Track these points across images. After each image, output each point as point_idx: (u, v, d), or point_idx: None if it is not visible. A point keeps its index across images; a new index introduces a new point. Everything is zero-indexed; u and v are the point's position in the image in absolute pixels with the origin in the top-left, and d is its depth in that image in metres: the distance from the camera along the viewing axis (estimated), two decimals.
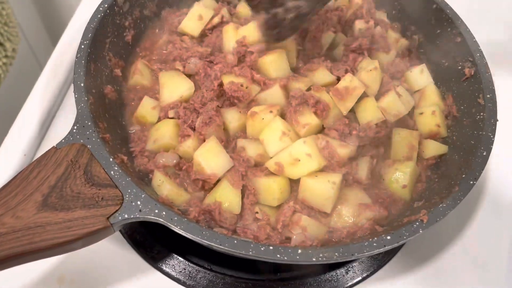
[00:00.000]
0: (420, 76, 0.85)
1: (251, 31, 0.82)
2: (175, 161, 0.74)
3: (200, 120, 0.75)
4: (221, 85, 0.79)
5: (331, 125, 0.75)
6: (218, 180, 0.72)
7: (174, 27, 0.90)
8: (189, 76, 0.83)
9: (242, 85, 0.77)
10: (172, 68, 0.83)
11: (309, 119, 0.74)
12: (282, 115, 0.76)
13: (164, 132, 0.76)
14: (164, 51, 0.87)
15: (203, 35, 0.89)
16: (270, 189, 0.71)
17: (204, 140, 0.74)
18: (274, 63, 0.79)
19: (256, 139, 0.75)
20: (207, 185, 0.72)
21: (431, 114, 0.81)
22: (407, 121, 0.81)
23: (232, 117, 0.77)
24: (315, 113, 0.75)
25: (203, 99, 0.78)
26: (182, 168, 0.74)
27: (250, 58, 0.80)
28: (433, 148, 0.79)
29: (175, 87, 0.80)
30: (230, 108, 0.78)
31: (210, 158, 0.72)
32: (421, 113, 0.82)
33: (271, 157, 0.73)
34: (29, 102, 0.92)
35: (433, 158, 0.79)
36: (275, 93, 0.77)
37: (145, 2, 0.89)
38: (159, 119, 0.79)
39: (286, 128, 0.73)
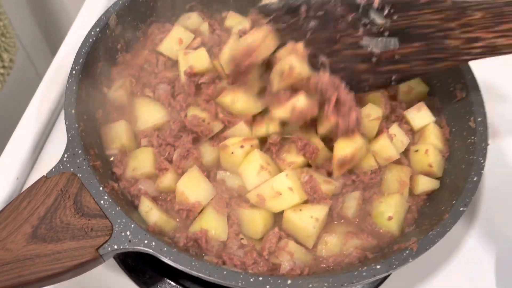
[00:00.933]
0: (417, 114, 0.81)
1: (199, 59, 0.81)
2: (156, 192, 0.75)
3: (177, 153, 0.75)
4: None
5: (319, 165, 0.75)
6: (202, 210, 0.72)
7: (155, 44, 0.88)
8: None
9: (203, 121, 0.76)
10: (144, 94, 0.83)
11: (296, 158, 0.74)
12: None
13: (143, 161, 0.75)
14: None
15: None
16: (254, 221, 0.71)
17: (182, 173, 0.74)
18: (239, 102, 0.76)
19: (235, 171, 0.75)
20: (191, 214, 0.72)
21: (424, 153, 0.77)
22: (401, 159, 0.78)
23: (205, 151, 0.77)
24: (304, 155, 0.74)
25: (172, 132, 0.77)
26: (167, 199, 0.74)
27: (206, 91, 0.79)
28: (424, 184, 0.76)
29: (148, 114, 0.80)
30: (202, 142, 0.77)
31: (193, 187, 0.72)
32: (416, 151, 0.79)
33: (250, 191, 0.72)
34: (22, 124, 0.92)
35: (425, 193, 0.77)
36: (241, 129, 0.76)
37: (137, 24, 0.89)
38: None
39: (265, 161, 0.73)
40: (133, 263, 0.79)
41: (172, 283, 0.78)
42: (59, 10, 1.75)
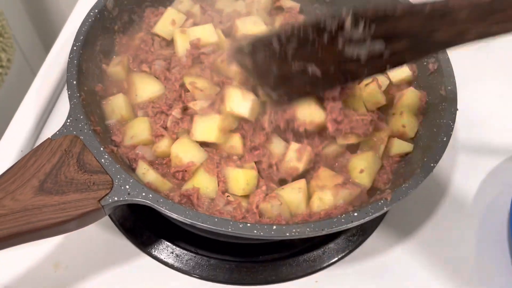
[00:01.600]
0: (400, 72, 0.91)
1: (206, 32, 0.88)
2: (153, 156, 0.81)
3: (171, 121, 0.81)
4: (182, 85, 0.84)
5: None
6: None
7: (150, 27, 0.95)
8: None
9: (202, 91, 0.82)
10: (141, 69, 0.89)
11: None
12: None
13: (140, 129, 0.81)
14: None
15: None
16: (237, 179, 0.77)
17: (177, 139, 0.81)
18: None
19: None
20: (187, 175, 0.78)
21: (399, 115, 0.85)
22: (379, 123, 0.85)
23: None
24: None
25: (167, 101, 0.83)
26: (163, 163, 0.80)
27: (208, 60, 0.85)
28: (399, 146, 0.83)
29: (144, 88, 0.86)
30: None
31: (186, 149, 0.78)
32: (393, 114, 0.87)
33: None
34: (25, 102, 0.98)
35: (398, 155, 0.84)
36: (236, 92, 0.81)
37: (133, 7, 0.95)
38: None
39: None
40: (131, 225, 0.85)
41: (168, 243, 0.84)
42: (54, 10, 1.81)
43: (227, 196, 0.76)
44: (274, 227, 0.66)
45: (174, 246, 0.83)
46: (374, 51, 0.66)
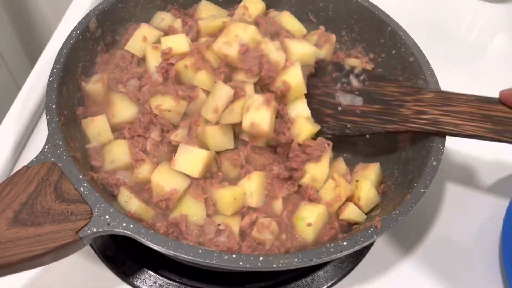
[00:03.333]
0: None
1: (178, 42, 0.85)
2: (133, 183, 0.78)
3: (150, 144, 0.79)
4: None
5: None
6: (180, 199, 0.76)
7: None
8: None
9: (170, 111, 0.80)
10: (118, 89, 0.87)
11: None
12: None
13: (120, 153, 0.78)
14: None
15: None
16: (224, 197, 0.75)
17: (158, 163, 0.78)
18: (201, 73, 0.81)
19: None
20: (170, 203, 0.75)
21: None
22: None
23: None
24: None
25: (141, 124, 0.81)
26: (144, 188, 0.78)
27: (172, 71, 0.82)
28: (350, 213, 0.78)
29: (120, 109, 0.83)
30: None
31: (167, 177, 0.75)
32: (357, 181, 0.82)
33: None
34: (4, 124, 0.95)
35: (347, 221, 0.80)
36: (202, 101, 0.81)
37: (116, 28, 0.93)
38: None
39: None
40: (112, 253, 0.82)
41: (151, 272, 0.81)
42: (40, 25, 1.78)
43: (218, 224, 0.74)
44: (261, 258, 0.63)
45: (157, 276, 0.80)
46: (352, 104, 0.85)
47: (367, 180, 0.80)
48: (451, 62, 1.21)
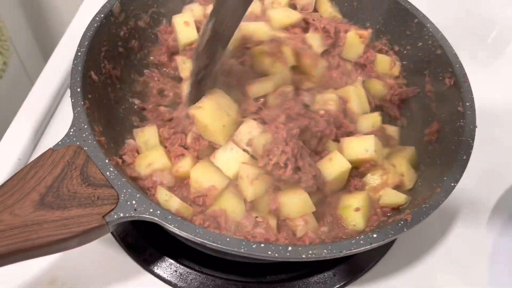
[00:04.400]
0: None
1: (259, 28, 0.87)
2: (172, 182, 0.77)
3: (191, 137, 0.78)
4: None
5: None
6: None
7: (172, 47, 0.92)
8: None
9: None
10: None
11: None
12: None
13: (156, 157, 0.78)
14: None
15: None
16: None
17: (198, 156, 0.77)
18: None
19: None
20: (208, 200, 0.74)
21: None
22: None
23: None
24: None
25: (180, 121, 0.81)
26: (183, 183, 0.77)
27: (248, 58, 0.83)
28: (390, 197, 0.77)
29: None
30: None
31: (207, 173, 0.74)
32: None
33: None
34: (23, 109, 0.94)
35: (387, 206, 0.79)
36: None
37: (139, 13, 0.92)
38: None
39: None
40: (133, 241, 0.81)
41: (171, 260, 0.80)
42: (54, 17, 1.77)
43: (256, 217, 0.72)
44: (289, 248, 0.62)
45: (178, 264, 0.79)
46: None
47: (404, 158, 0.80)
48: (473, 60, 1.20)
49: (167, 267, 0.79)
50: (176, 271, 0.79)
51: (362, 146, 0.78)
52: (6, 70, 1.32)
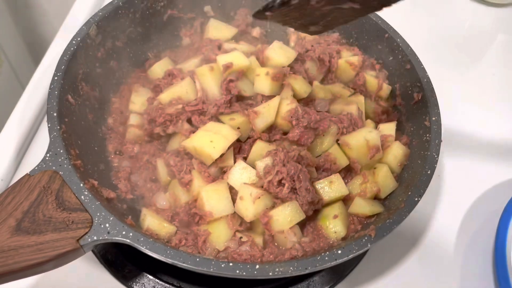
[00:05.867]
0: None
1: (237, 57, 0.87)
2: (164, 203, 0.81)
3: (196, 162, 0.80)
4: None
5: None
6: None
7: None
8: None
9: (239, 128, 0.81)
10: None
11: None
12: None
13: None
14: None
15: None
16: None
17: (210, 178, 0.79)
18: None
19: None
20: (202, 221, 0.77)
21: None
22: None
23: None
24: None
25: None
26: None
27: (234, 88, 0.84)
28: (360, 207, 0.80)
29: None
30: None
31: (214, 198, 0.76)
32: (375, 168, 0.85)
33: None
34: (6, 129, 0.96)
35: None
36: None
37: (116, 33, 0.94)
38: None
39: None
40: (112, 258, 0.83)
41: (150, 277, 0.82)
42: (44, 24, 1.79)
43: (240, 237, 0.75)
44: (257, 266, 0.64)
45: (156, 280, 0.82)
46: None
47: (385, 166, 0.83)
48: (450, 65, 1.23)
49: (146, 283, 0.82)
50: (154, 287, 0.82)
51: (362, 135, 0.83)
52: None
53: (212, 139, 0.77)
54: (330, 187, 0.80)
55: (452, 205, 0.96)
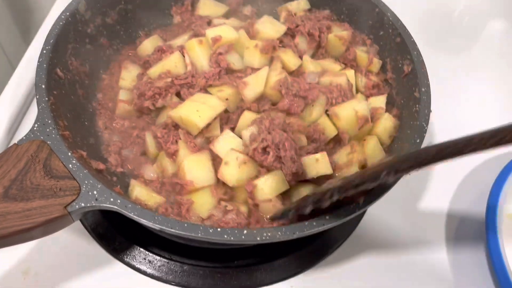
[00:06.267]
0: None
1: (226, 31, 0.87)
2: (152, 175, 0.81)
3: (182, 133, 0.79)
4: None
5: None
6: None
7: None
8: None
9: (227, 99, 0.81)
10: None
11: None
12: None
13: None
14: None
15: None
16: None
17: (195, 148, 0.79)
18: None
19: None
20: (184, 191, 0.77)
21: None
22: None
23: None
24: None
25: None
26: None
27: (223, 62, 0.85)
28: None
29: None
30: None
31: (196, 167, 0.76)
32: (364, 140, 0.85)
33: None
34: None
35: None
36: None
37: (106, 10, 0.94)
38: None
39: None
40: (103, 230, 0.83)
41: (141, 249, 0.82)
42: (35, 3, 1.78)
43: (225, 206, 0.75)
44: (245, 231, 0.65)
45: (147, 252, 0.82)
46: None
47: (374, 137, 0.83)
48: (444, 48, 1.22)
49: (137, 255, 0.82)
50: (145, 259, 0.82)
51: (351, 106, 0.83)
52: None
53: (198, 109, 0.77)
54: (316, 164, 0.78)
55: (443, 178, 0.96)
